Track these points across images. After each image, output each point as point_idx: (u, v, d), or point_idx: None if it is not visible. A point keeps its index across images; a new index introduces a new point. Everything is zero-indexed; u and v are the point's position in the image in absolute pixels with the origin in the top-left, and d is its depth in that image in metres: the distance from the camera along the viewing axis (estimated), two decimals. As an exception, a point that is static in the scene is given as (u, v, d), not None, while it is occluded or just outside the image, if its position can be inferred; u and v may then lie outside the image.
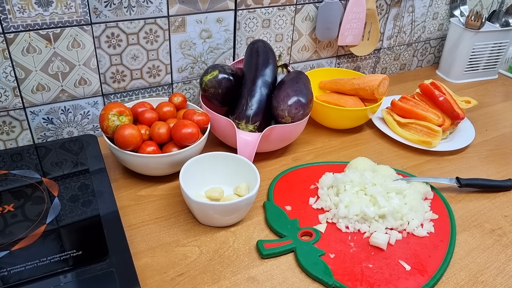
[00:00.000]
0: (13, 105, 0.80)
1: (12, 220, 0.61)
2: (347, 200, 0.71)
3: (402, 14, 1.16)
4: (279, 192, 0.76)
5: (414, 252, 0.67)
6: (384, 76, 0.95)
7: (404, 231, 0.70)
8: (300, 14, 1.00)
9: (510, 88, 1.23)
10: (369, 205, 0.70)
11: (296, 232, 0.68)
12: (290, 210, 0.73)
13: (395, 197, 0.72)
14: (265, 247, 0.65)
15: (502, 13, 1.23)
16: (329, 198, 0.74)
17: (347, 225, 0.70)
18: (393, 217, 0.70)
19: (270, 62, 0.86)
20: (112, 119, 0.74)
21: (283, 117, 0.80)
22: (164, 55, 0.89)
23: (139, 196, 0.75)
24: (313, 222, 0.71)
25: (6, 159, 0.73)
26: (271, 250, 0.65)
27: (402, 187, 0.73)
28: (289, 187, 0.78)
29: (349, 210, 0.70)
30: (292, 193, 0.76)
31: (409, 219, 0.70)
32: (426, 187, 0.78)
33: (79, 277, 0.54)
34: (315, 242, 0.67)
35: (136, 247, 0.65)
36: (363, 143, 0.94)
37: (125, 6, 0.80)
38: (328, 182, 0.77)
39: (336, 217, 0.71)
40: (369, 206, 0.70)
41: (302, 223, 0.71)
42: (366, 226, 0.70)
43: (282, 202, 0.74)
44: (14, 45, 0.74)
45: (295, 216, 0.72)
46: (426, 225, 0.71)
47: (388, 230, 0.70)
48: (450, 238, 0.70)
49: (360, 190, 0.73)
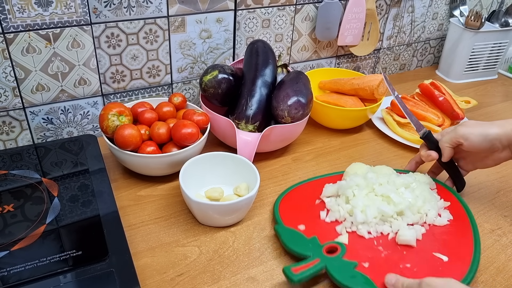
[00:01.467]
0: (12, 105, 0.80)
1: (11, 220, 0.61)
2: (361, 204, 0.68)
3: (401, 14, 1.16)
4: (286, 213, 0.71)
5: (443, 242, 0.66)
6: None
7: (425, 224, 0.69)
8: (300, 14, 1.00)
9: (509, 88, 1.23)
10: (384, 204, 0.68)
11: (320, 249, 0.63)
12: (304, 229, 0.68)
13: (406, 192, 0.70)
14: (294, 272, 0.58)
15: (502, 13, 1.24)
16: (340, 208, 0.70)
17: (368, 230, 0.67)
18: (411, 212, 0.68)
19: (270, 62, 0.86)
20: (112, 119, 0.74)
21: (283, 117, 0.80)
22: (164, 55, 0.89)
23: (139, 196, 0.75)
24: (332, 235, 0.67)
25: (5, 159, 0.73)
26: (302, 274, 0.58)
27: (409, 181, 0.73)
28: (294, 206, 0.73)
29: (366, 214, 0.67)
30: (299, 212, 0.72)
31: (426, 211, 0.70)
32: (428, 178, 0.77)
33: (79, 277, 0.54)
34: (343, 255, 0.63)
35: (136, 247, 0.65)
36: (363, 143, 0.94)
37: (124, 6, 0.80)
38: (333, 192, 0.74)
39: (355, 224, 0.68)
40: (385, 205, 0.68)
41: (322, 239, 0.66)
42: (388, 226, 0.68)
43: (293, 223, 0.69)
44: (13, 45, 0.74)
45: (312, 234, 0.66)
46: (443, 213, 0.71)
47: (409, 226, 0.68)
48: (470, 219, 0.70)
49: (370, 192, 0.71)
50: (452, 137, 0.72)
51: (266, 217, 0.73)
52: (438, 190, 0.77)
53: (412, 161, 0.81)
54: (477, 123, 0.71)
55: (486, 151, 0.71)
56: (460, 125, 0.72)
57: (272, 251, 0.66)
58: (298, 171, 0.84)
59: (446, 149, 0.73)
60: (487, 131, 0.69)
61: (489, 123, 0.71)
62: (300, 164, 0.86)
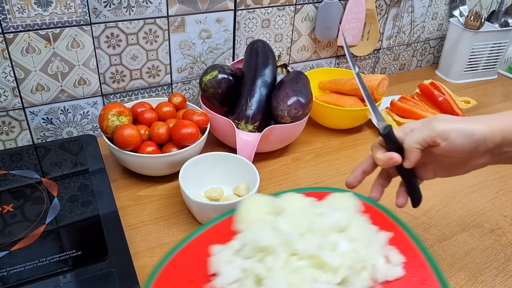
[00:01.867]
0: (12, 105, 0.80)
1: (11, 220, 0.61)
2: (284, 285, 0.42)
3: (401, 14, 1.16)
4: None
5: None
6: (384, 76, 0.95)
7: (376, 285, 0.46)
8: (299, 14, 1.00)
9: (509, 88, 1.23)
10: (317, 276, 0.43)
11: None
12: None
13: (340, 240, 0.46)
14: None
15: (502, 13, 1.24)
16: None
17: None
18: (356, 274, 0.44)
19: (269, 62, 0.86)
20: (112, 119, 0.74)
21: (283, 117, 0.80)
22: (163, 55, 0.89)
23: (138, 196, 0.75)
24: None
25: (5, 159, 0.73)
26: None
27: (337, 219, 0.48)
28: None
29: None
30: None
31: (373, 261, 0.46)
32: (352, 197, 0.54)
33: (79, 277, 0.53)
34: None
35: (136, 247, 0.65)
36: (363, 143, 0.94)
37: (124, 6, 0.80)
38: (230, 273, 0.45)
39: None
40: (319, 279, 0.43)
41: None
42: None
43: None
44: (13, 45, 0.74)
45: None
46: (392, 255, 0.48)
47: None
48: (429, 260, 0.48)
49: (291, 256, 0.45)
50: (425, 136, 0.52)
51: (266, 217, 0.73)
52: (367, 213, 0.53)
53: (357, 170, 0.59)
54: (457, 119, 0.53)
55: (465, 154, 0.53)
56: (436, 120, 0.53)
57: (271, 251, 0.66)
58: (298, 171, 0.84)
59: (414, 152, 0.53)
60: (472, 129, 0.51)
61: (473, 119, 0.52)
62: (299, 164, 0.86)
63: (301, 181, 0.82)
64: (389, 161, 0.55)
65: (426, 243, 0.69)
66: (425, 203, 0.78)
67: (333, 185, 0.81)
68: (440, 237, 0.71)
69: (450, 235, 0.71)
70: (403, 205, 0.59)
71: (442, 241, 0.70)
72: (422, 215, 0.75)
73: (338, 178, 0.83)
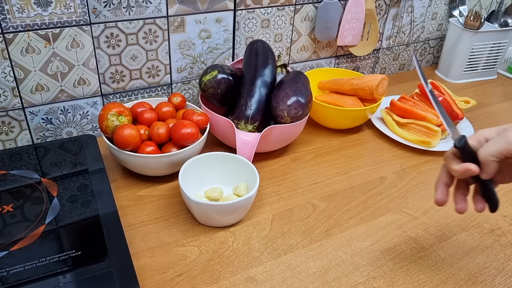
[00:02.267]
0: (12, 105, 0.80)
1: (11, 220, 0.61)
2: None
3: (401, 14, 1.16)
4: None
5: None
6: (383, 76, 0.95)
7: None
8: (299, 14, 1.00)
9: (509, 88, 1.23)
10: None
11: None
12: None
13: None
14: None
15: (501, 13, 1.24)
16: None
17: None
18: None
19: (269, 62, 0.86)
20: (111, 119, 0.74)
21: (283, 117, 0.80)
22: (163, 55, 0.89)
23: (138, 196, 0.75)
24: None
25: (5, 159, 0.73)
26: None
27: None
28: None
29: None
30: None
31: None
32: None
33: (78, 277, 0.53)
34: None
35: (135, 247, 0.65)
36: (362, 143, 0.94)
37: (124, 6, 0.80)
38: None
39: None
40: None
41: None
42: None
43: None
44: (13, 45, 0.74)
45: None
46: None
47: None
48: None
49: None
50: (501, 149, 0.52)
51: (266, 217, 0.73)
52: None
53: (440, 186, 0.59)
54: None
55: None
56: (511, 130, 0.52)
57: (272, 251, 0.66)
58: (298, 171, 0.84)
59: (491, 165, 0.53)
60: None
61: None
62: (299, 164, 0.86)
63: (301, 181, 0.82)
64: (465, 173, 0.54)
65: (426, 243, 0.70)
66: (425, 203, 0.78)
67: (332, 185, 0.81)
68: (440, 237, 0.71)
69: (450, 235, 0.71)
70: (482, 210, 0.59)
71: (442, 241, 0.70)
72: (422, 215, 0.75)
73: (338, 178, 0.83)
